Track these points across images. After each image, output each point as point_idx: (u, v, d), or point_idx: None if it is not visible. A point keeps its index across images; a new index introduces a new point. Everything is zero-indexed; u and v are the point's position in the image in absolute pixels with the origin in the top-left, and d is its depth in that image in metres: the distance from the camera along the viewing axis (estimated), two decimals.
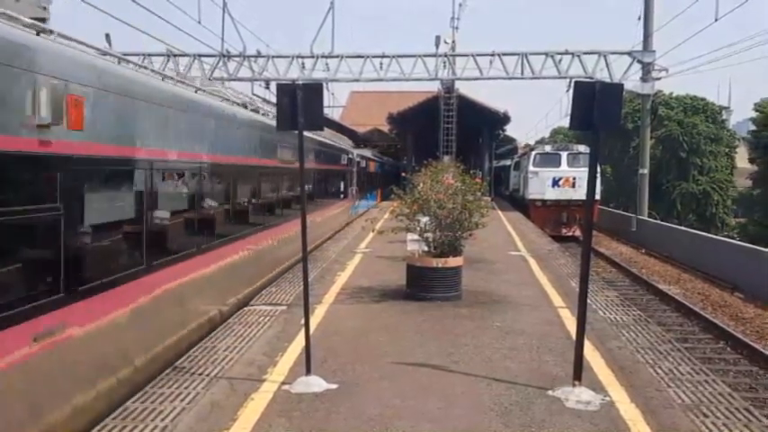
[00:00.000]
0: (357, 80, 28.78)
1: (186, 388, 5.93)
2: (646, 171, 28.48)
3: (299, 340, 7.07)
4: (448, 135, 32.89)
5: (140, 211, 6.69)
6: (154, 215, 7.07)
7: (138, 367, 6.43)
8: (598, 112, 5.72)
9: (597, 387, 6.00)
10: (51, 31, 5.65)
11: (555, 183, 26.87)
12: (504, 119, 37.57)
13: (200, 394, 5.77)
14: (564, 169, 26.81)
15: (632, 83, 27.35)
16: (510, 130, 47.43)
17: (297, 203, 12.45)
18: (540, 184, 27.11)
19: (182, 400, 5.62)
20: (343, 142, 28.87)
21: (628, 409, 5.54)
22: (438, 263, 9.67)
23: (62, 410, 5.16)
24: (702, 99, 45.67)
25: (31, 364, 4.75)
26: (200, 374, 6.30)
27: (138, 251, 6.65)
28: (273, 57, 28.46)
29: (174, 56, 26.64)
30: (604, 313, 9.04)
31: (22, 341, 4.68)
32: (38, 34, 5.36)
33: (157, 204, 7.16)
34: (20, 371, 4.65)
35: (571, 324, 7.85)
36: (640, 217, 27.66)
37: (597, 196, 25.67)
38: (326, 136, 20.43)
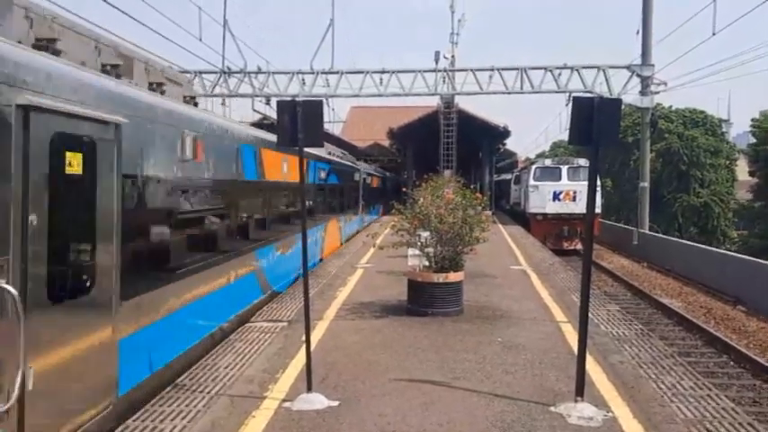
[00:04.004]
0: (357, 95, 28.98)
1: (187, 406, 5.91)
2: (646, 184, 28.50)
3: (300, 357, 7.07)
4: (448, 149, 33.04)
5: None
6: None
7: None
8: (597, 127, 5.75)
9: (599, 402, 5.97)
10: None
11: (555, 196, 26.90)
12: (504, 133, 37.75)
13: (200, 412, 5.75)
14: (564, 183, 26.87)
15: (632, 96, 27.49)
16: (510, 144, 47.68)
17: None
18: (541, 198, 27.14)
19: (182, 419, 5.60)
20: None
21: (630, 424, 5.51)
22: (439, 278, 9.66)
23: None
24: (702, 112, 45.82)
25: None
26: (200, 392, 6.28)
27: None
28: (274, 73, 28.64)
29: None
30: (606, 327, 9.02)
31: None
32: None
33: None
34: None
35: (573, 339, 7.83)
36: (641, 230, 27.61)
37: (598, 210, 25.70)
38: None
